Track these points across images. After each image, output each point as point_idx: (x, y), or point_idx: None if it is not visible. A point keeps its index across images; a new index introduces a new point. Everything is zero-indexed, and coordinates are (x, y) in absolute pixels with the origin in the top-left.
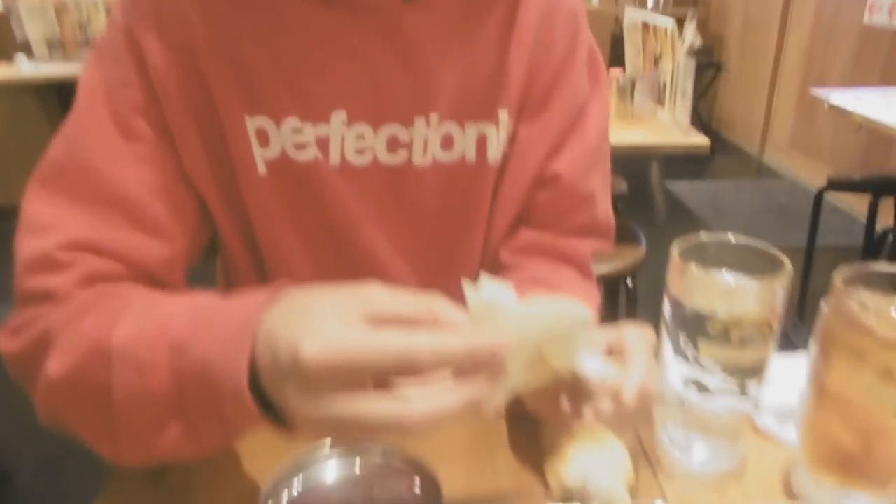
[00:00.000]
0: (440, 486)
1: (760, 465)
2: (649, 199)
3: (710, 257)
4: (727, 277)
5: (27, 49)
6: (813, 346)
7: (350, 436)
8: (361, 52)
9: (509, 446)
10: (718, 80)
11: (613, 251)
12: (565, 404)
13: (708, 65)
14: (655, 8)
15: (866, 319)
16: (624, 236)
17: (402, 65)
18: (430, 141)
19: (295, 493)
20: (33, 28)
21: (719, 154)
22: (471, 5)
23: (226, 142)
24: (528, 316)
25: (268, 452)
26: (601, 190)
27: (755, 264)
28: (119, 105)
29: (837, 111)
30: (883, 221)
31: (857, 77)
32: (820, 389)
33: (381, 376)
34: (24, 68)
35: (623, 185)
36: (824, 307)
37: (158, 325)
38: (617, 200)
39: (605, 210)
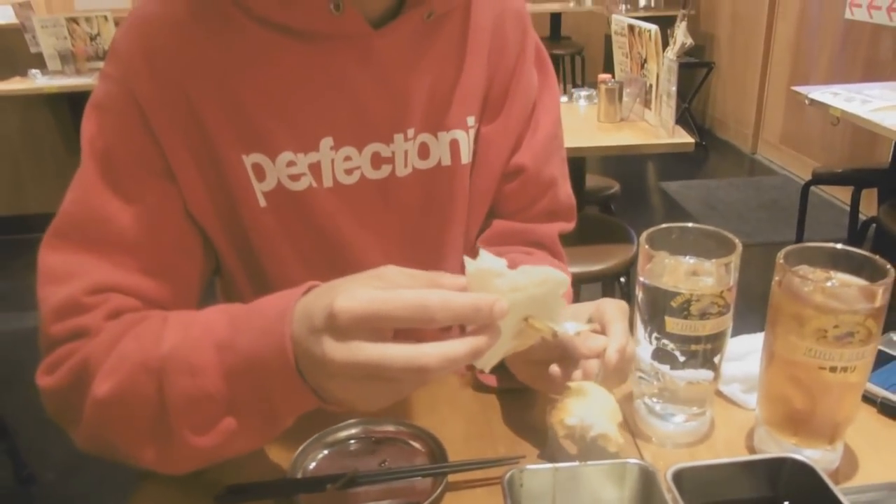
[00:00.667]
0: (445, 449)
1: (726, 428)
2: (645, 200)
3: (674, 243)
4: (686, 259)
5: (40, 62)
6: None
7: (376, 385)
8: (341, 80)
9: (503, 418)
10: (710, 79)
11: (607, 251)
12: (555, 370)
13: (699, 64)
14: (647, 8)
15: (804, 290)
16: (617, 236)
17: (377, 87)
18: (409, 153)
19: (318, 461)
20: (46, 42)
21: (713, 152)
22: (429, 26)
23: (225, 179)
24: (516, 281)
25: (294, 432)
26: (560, 174)
27: (712, 247)
28: (120, 157)
29: (819, 107)
30: (869, 213)
31: (841, 72)
32: (771, 355)
33: (402, 328)
34: (38, 81)
35: (615, 186)
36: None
37: (201, 330)
38: (609, 200)
39: (566, 192)
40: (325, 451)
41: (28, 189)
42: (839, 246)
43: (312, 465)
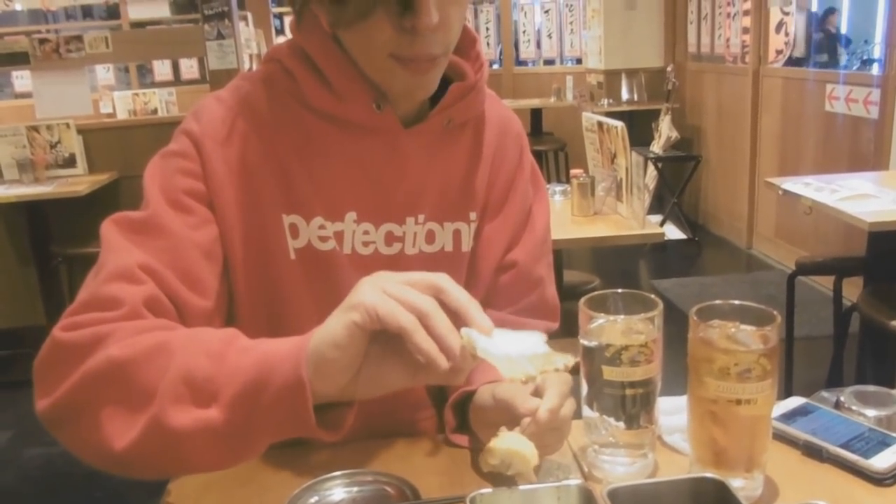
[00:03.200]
0: (418, 489)
1: (668, 470)
2: None
3: (609, 306)
4: (617, 317)
5: None
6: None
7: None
8: (370, 166)
9: (473, 470)
10: (699, 172)
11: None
12: (503, 430)
13: (687, 158)
14: (630, 102)
15: (713, 337)
16: None
17: (398, 176)
18: (417, 236)
19: None
20: (4, 151)
21: (707, 248)
22: (447, 132)
23: (265, 232)
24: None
25: (286, 481)
26: (547, 276)
27: (638, 306)
28: (177, 185)
29: (792, 197)
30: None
31: (827, 164)
32: (693, 397)
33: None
34: None
35: (595, 282)
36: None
37: (231, 336)
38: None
39: (551, 293)
40: (314, 498)
41: None
42: (737, 302)
43: None
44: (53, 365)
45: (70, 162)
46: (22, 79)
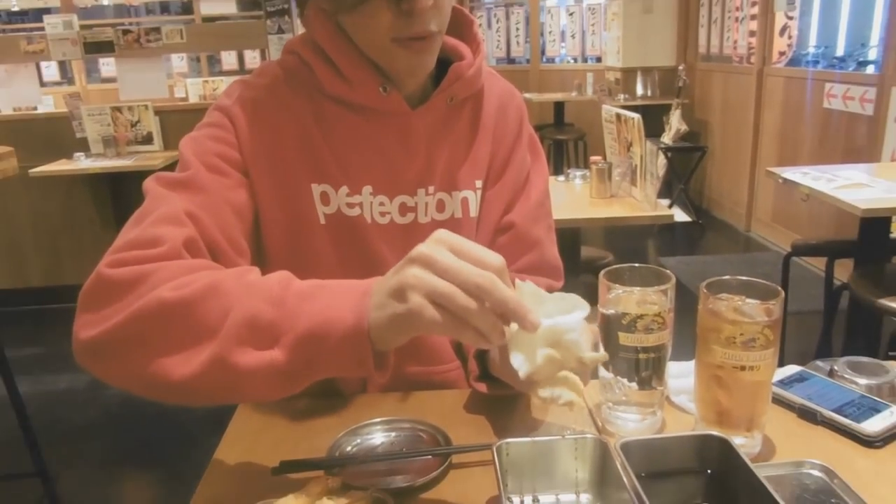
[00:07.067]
0: (451, 439)
1: (675, 427)
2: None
3: (625, 278)
4: (634, 289)
5: (84, 146)
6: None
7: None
8: (382, 146)
9: (500, 421)
10: (704, 162)
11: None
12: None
13: (694, 148)
14: (644, 97)
15: (720, 309)
16: None
17: (408, 154)
18: (429, 205)
19: (351, 446)
20: (91, 128)
21: (710, 231)
22: (450, 109)
23: (296, 199)
24: (550, 312)
25: (333, 426)
26: (546, 238)
27: (653, 279)
28: (212, 150)
29: (791, 185)
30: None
31: (823, 156)
32: (700, 363)
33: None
34: (82, 163)
35: (609, 257)
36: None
37: (288, 280)
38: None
39: (551, 253)
40: (357, 440)
41: (65, 262)
42: (744, 278)
43: (347, 448)
44: (99, 299)
45: (148, 139)
46: (107, 65)
